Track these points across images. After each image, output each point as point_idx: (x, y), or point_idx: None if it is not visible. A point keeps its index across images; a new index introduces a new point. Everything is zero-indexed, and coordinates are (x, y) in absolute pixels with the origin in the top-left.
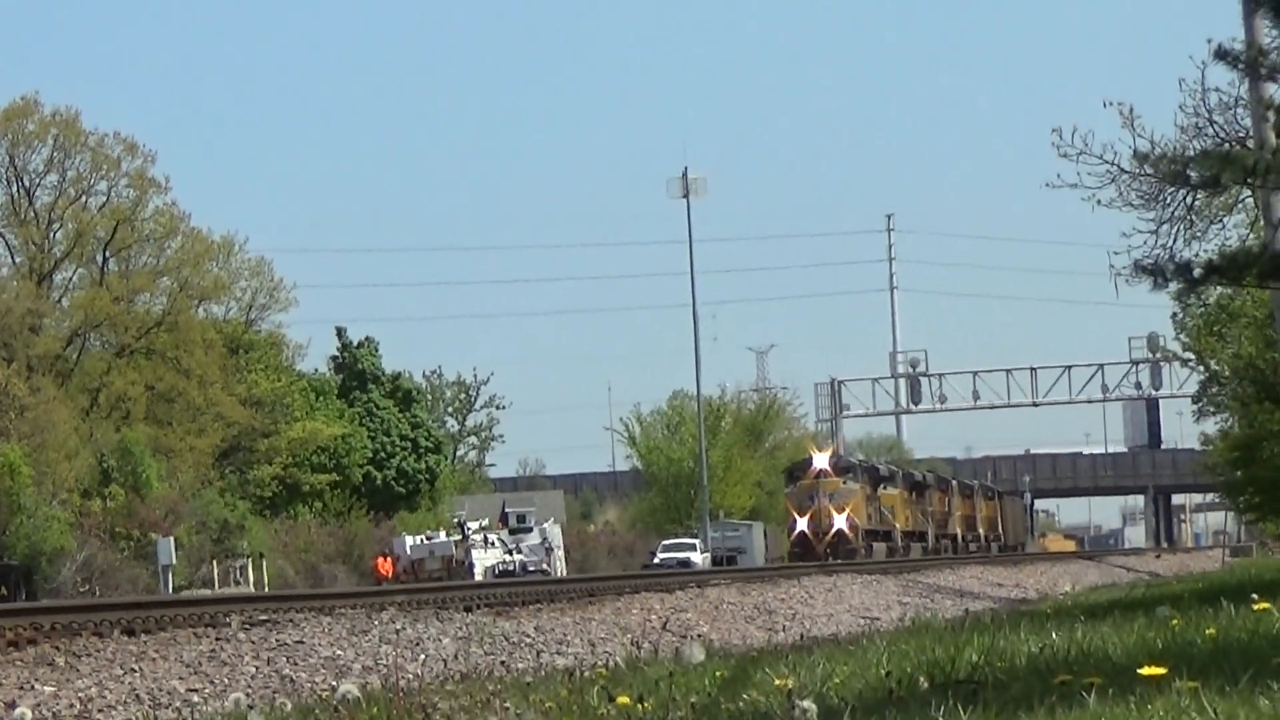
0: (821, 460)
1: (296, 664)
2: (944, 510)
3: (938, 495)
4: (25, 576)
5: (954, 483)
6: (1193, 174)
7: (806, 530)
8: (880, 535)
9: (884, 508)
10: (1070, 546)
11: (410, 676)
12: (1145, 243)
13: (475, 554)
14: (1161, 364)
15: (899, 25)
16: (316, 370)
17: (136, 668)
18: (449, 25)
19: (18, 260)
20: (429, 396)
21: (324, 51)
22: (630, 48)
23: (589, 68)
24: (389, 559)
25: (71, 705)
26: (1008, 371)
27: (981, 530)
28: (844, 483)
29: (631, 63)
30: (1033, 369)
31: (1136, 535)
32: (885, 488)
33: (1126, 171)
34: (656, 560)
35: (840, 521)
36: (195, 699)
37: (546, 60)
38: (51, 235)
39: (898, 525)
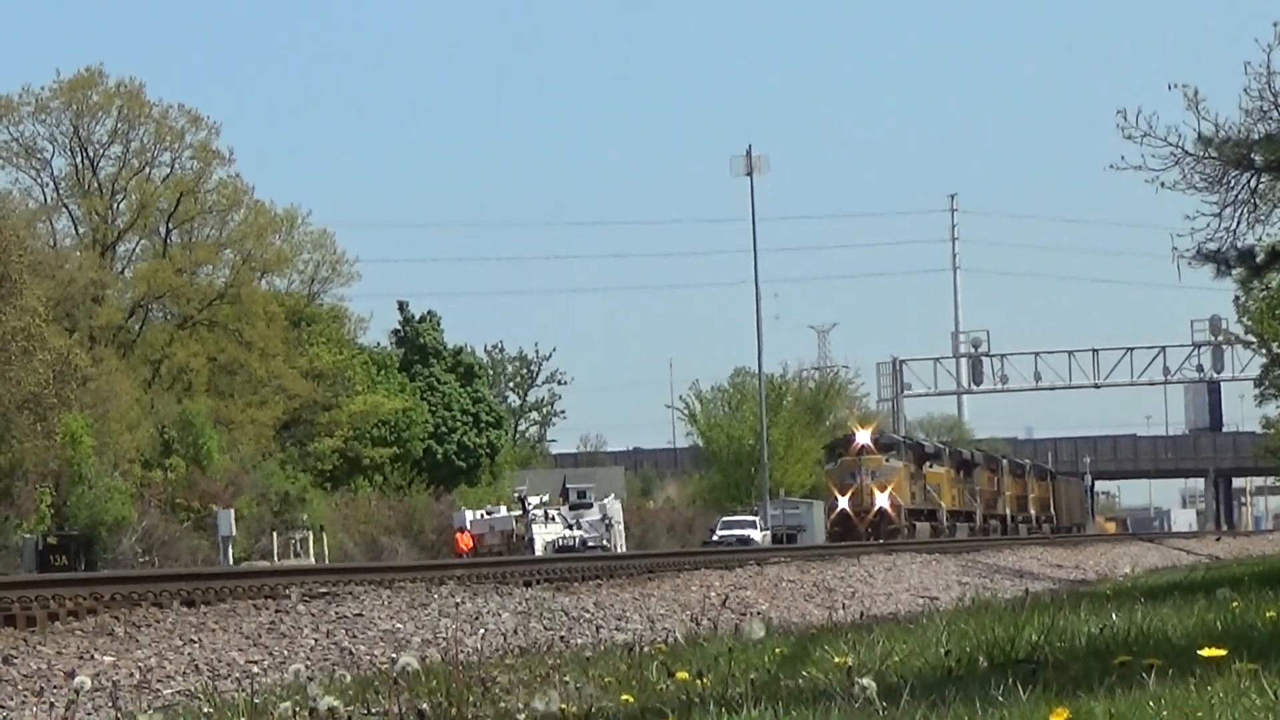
0: (864, 436)
1: (355, 636)
2: (993, 490)
3: (986, 474)
4: (86, 546)
5: (1004, 462)
6: (1257, 157)
7: (847, 508)
8: (925, 515)
9: (929, 486)
10: (1111, 529)
11: (469, 650)
12: (1208, 226)
13: (535, 529)
14: (1223, 347)
15: (965, 4)
16: (378, 344)
17: (196, 638)
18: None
19: (81, 231)
20: (490, 371)
21: (387, 25)
22: (695, 24)
23: (654, 44)
24: (467, 533)
25: (131, 675)
26: (1069, 353)
27: (1033, 511)
28: (887, 460)
29: (696, 39)
30: (1095, 350)
31: (1186, 518)
32: (931, 465)
33: (1190, 154)
34: (716, 537)
35: (882, 500)
36: (254, 670)
37: (612, 36)
38: (115, 206)
39: (944, 504)
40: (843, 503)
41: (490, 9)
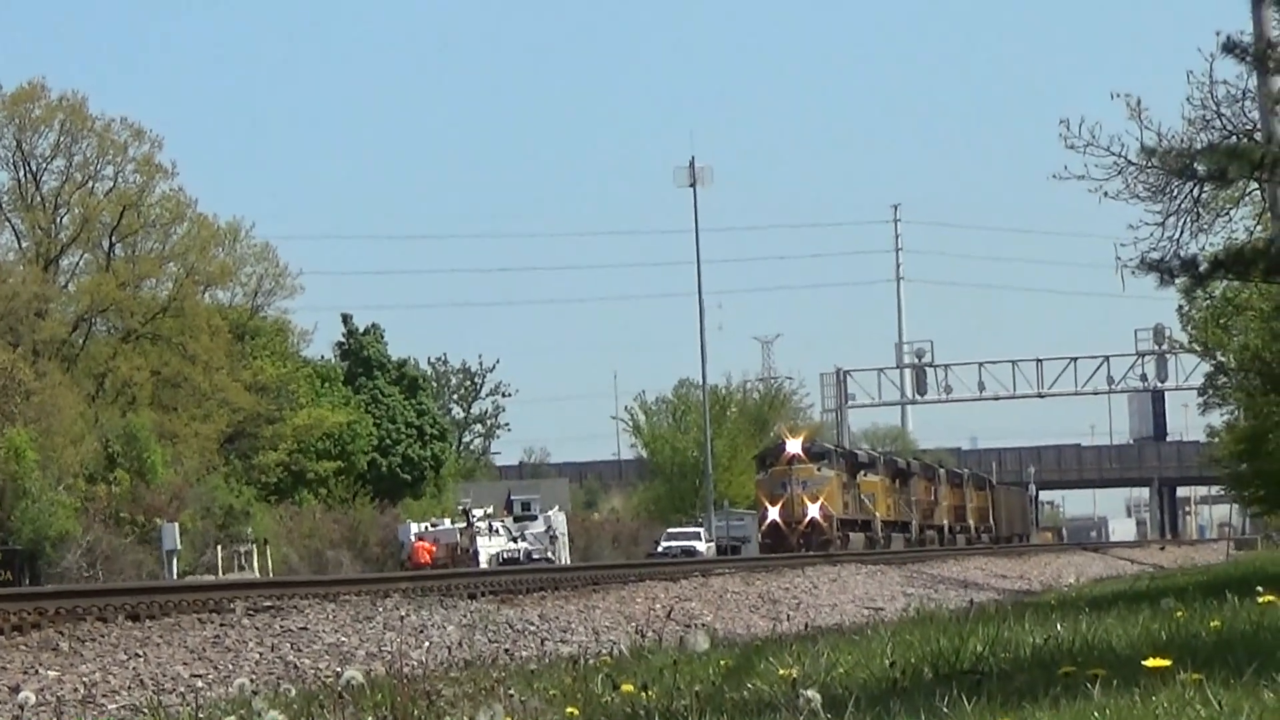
0: (794, 445)
1: (300, 650)
2: (930, 499)
3: (923, 484)
4: (30, 561)
5: (942, 471)
6: (1200, 167)
7: (778, 519)
8: (858, 525)
9: (863, 495)
10: (1047, 538)
11: (414, 663)
12: (1151, 235)
13: (480, 541)
14: (1167, 356)
15: (907, 16)
16: (322, 357)
17: (141, 653)
18: (457, 13)
19: (24, 245)
20: (434, 384)
21: (330, 38)
22: (638, 36)
23: (597, 56)
24: (426, 543)
25: (75, 690)
26: (1013, 363)
27: (972, 521)
28: (819, 469)
29: (639, 51)
30: (1038, 360)
31: (1125, 528)
32: (865, 475)
33: (1133, 164)
34: (661, 549)
35: (814, 510)
36: (199, 684)
37: (554, 49)
38: (58, 220)
39: (878, 514)
40: (773, 513)
41: (434, 23)
